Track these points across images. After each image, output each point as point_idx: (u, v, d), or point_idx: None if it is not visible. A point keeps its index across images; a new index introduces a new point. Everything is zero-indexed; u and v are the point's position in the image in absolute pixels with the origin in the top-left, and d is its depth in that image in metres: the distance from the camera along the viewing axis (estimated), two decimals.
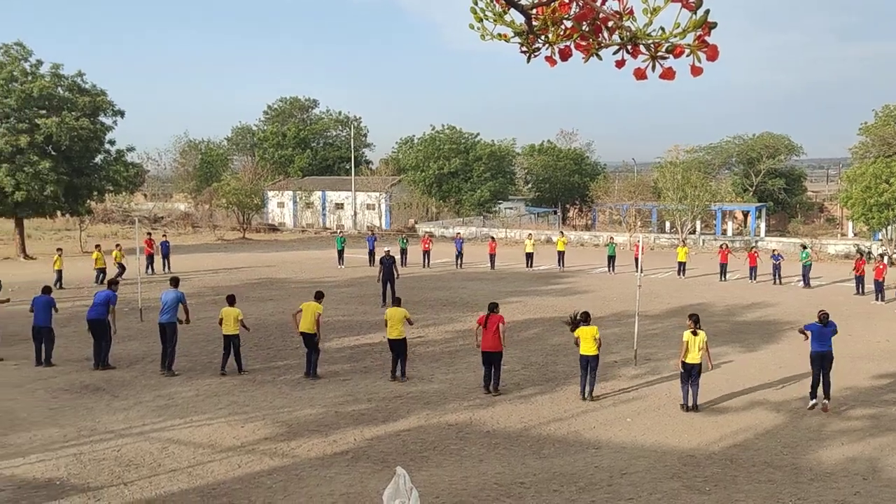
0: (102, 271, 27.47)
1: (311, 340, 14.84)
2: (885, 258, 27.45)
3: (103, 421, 12.09)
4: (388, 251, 25.19)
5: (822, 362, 12.70)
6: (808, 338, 13.04)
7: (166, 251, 31.64)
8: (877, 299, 24.65)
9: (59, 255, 27.12)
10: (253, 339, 18.12)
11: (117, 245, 29.78)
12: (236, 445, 11.07)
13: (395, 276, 24.03)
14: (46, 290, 16.36)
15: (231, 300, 15.55)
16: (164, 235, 34.60)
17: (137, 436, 11.41)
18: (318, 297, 15.45)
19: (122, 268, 27.88)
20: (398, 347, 14.65)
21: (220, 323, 15.10)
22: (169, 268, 30.92)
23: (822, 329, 12.86)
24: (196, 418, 12.28)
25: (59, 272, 26.61)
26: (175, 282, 16.21)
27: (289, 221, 61.03)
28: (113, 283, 16.39)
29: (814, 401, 12.68)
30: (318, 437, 11.44)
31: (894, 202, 32.67)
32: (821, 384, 12.81)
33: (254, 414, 12.55)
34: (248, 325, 15.79)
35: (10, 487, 9.41)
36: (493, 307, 14.02)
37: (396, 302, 15.56)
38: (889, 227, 34.36)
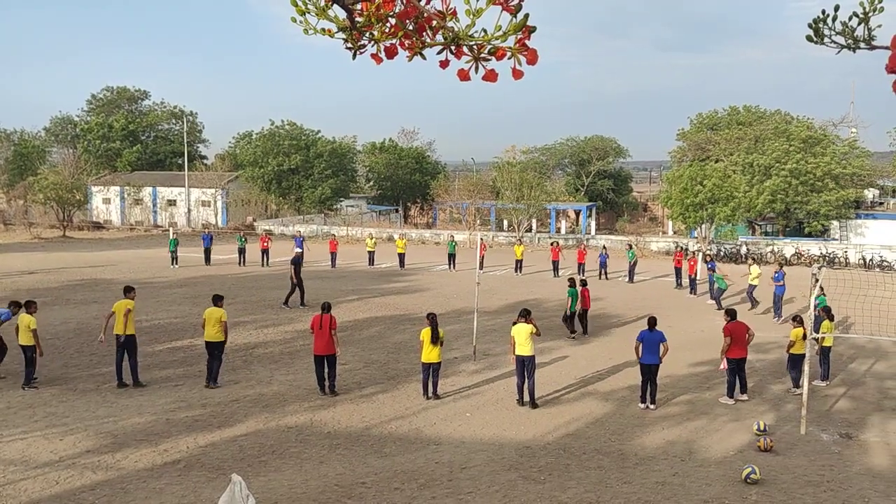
0: None
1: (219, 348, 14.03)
2: (699, 254, 29.73)
3: None
4: (298, 251, 24.88)
5: (649, 372, 13.27)
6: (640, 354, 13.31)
7: None
8: (691, 293, 26.62)
9: None
10: (74, 345, 16.89)
11: None
12: (54, 460, 10.25)
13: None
14: None
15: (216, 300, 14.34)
16: None
17: None
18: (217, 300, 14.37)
19: None
20: (215, 350, 13.95)
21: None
22: None
23: (650, 335, 13.32)
24: (6, 433, 11.26)
25: None
26: None
27: (116, 219, 57.53)
28: None
29: (643, 405, 13.33)
30: (147, 447, 10.82)
31: (707, 203, 35.45)
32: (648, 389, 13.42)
33: (74, 426, 11.68)
34: (68, 328, 14.67)
35: None
36: (327, 307, 13.85)
37: (217, 300, 14.34)
38: (703, 226, 37.23)
